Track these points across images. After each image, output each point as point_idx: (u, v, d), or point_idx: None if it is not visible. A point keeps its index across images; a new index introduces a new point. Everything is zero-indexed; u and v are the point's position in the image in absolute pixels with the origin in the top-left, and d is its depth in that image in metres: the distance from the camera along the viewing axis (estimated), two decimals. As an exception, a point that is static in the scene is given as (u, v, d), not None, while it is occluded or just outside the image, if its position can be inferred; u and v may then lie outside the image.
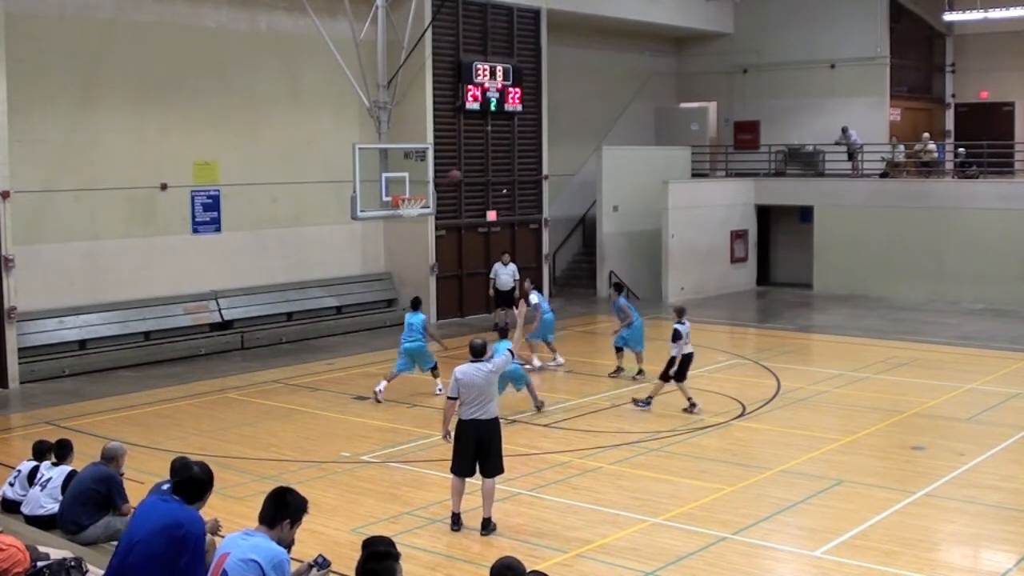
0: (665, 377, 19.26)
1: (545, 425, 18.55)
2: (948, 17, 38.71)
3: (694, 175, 38.08)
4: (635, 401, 19.70)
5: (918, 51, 40.79)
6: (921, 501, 14.50)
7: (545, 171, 33.10)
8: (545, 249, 33.50)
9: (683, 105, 40.56)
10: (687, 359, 19.16)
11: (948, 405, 19.97)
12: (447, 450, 16.96)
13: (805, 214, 36.41)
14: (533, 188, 33.04)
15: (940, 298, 32.34)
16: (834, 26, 38.29)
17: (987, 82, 40.12)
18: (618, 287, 23.24)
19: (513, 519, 13.61)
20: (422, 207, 24.44)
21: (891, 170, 36.23)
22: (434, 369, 20.95)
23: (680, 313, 19.39)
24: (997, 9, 35.69)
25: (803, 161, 37.79)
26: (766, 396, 20.52)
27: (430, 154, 26.15)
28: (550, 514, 13.90)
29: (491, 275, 28.16)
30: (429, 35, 28.08)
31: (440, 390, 20.46)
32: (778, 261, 38.47)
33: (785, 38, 39.05)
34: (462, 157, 30.52)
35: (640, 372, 22.18)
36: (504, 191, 32.13)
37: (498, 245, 31.70)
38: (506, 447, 16.77)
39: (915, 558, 12.50)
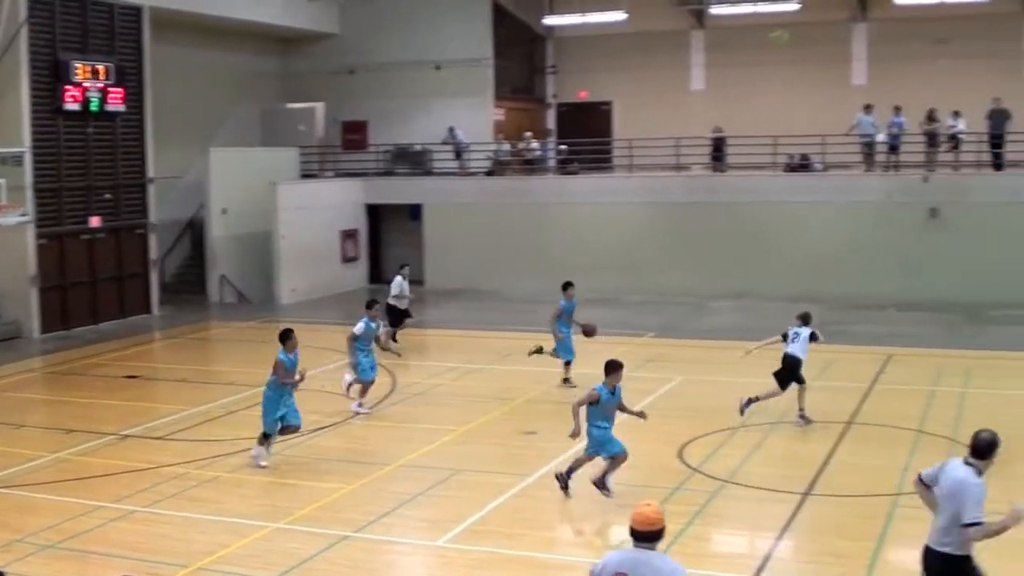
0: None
1: (160, 438, 17.98)
2: (548, 20, 40.40)
3: (303, 176, 38.01)
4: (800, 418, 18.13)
5: (520, 53, 42.24)
6: (537, 483, 15.05)
7: (150, 174, 32.04)
8: (152, 255, 32.40)
9: (290, 106, 40.28)
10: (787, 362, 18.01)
11: (557, 391, 20.77)
12: (55, 472, 16.18)
13: (415, 212, 37.05)
14: (138, 192, 31.90)
15: (549, 289, 33.40)
16: (439, 28, 39.07)
17: (586, 83, 41.97)
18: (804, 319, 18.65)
19: (129, 537, 13.11)
20: (20, 215, 23.25)
21: (497, 168, 37.40)
22: (366, 383, 19.20)
23: (804, 320, 18.22)
24: (594, 13, 37.54)
25: (411, 160, 38.43)
26: (382, 393, 20.68)
27: (27, 158, 24.90)
28: (169, 529, 13.48)
29: (398, 290, 25.65)
30: (25, 32, 26.66)
31: (359, 407, 19.02)
32: (389, 259, 38.83)
33: (391, 39, 39.51)
34: (63, 160, 29.08)
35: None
36: (107, 195, 30.88)
37: (103, 252, 30.49)
38: (119, 463, 16.23)
39: (535, 538, 13.00)
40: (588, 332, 21.06)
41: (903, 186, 32.25)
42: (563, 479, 14.34)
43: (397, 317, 25.30)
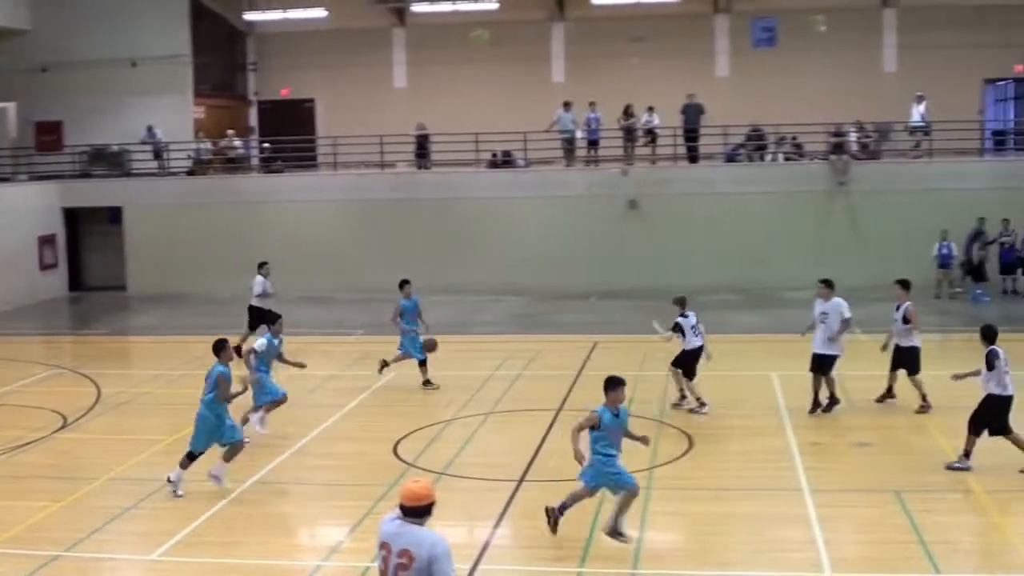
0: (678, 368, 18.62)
1: None
2: (248, 16, 39.88)
3: (-5, 179, 36.24)
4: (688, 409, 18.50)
5: (220, 49, 41.50)
6: (253, 488, 14.87)
7: None
8: None
9: (-22, 106, 38.37)
10: (693, 353, 18.49)
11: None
12: None
13: (114, 215, 35.83)
14: None
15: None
16: (135, 24, 37.87)
17: (288, 80, 41.64)
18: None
19: None
20: None
21: (198, 167, 36.64)
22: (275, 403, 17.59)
23: (682, 304, 18.61)
24: (294, 10, 37.23)
25: (109, 161, 37.19)
26: (87, 404, 19.98)
27: None
28: None
29: (260, 290, 24.15)
30: None
31: (260, 425, 17.42)
32: (90, 265, 37.50)
33: (86, 36, 37.99)
34: None
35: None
36: None
37: None
38: None
39: (255, 545, 12.84)
40: (429, 347, 20.53)
41: (603, 180, 33.40)
42: (554, 515, 12.62)
43: (258, 320, 22.63)
